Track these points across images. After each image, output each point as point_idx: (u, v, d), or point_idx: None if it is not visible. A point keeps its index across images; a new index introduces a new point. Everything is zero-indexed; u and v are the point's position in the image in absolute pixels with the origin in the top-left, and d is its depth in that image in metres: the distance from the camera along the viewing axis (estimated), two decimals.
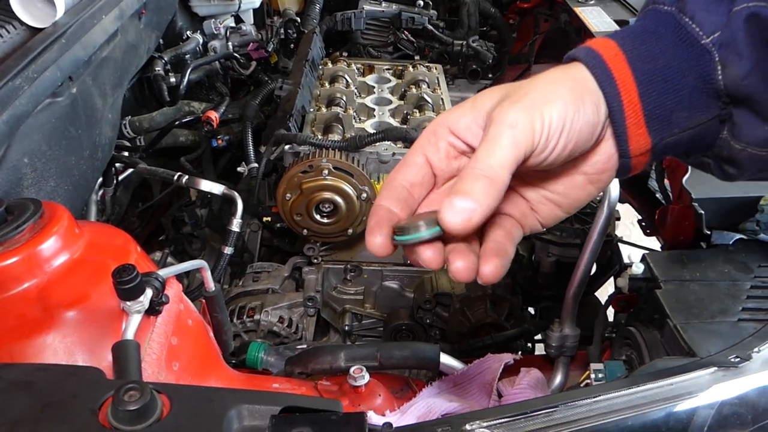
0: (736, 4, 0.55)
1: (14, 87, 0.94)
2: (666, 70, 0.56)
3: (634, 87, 0.56)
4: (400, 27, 2.07)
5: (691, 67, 0.56)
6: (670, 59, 0.56)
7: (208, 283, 1.00)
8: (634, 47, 0.57)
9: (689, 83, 0.56)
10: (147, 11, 1.49)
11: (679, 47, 0.57)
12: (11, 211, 0.79)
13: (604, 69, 0.56)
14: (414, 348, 1.07)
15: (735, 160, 0.60)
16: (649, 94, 0.56)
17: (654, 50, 0.57)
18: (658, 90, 0.56)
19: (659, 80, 0.56)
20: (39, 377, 0.64)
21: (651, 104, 0.56)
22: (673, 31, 0.57)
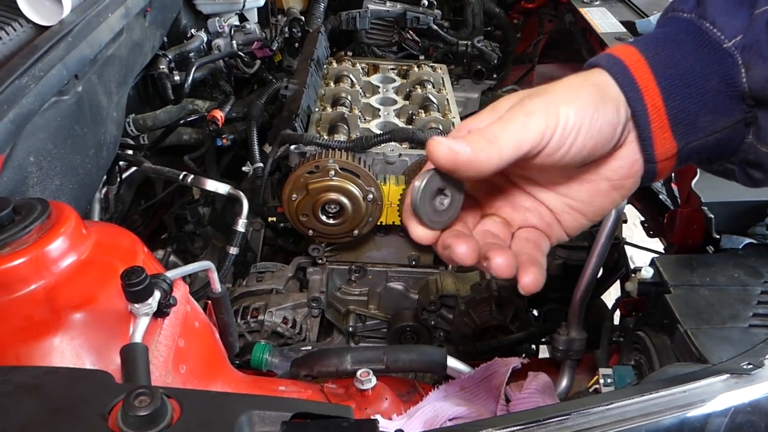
0: (758, 7, 0.55)
1: (21, 85, 0.94)
2: (688, 74, 0.56)
3: (657, 91, 0.56)
4: (404, 27, 2.06)
5: (714, 71, 0.56)
6: (692, 64, 0.56)
7: (214, 284, 0.99)
8: (656, 53, 0.57)
9: (713, 87, 0.56)
10: (152, 9, 1.48)
11: (701, 52, 0.57)
12: (18, 211, 0.78)
13: (627, 74, 0.56)
14: (421, 351, 1.06)
15: (761, 163, 0.59)
16: (672, 99, 0.56)
17: (676, 56, 0.57)
18: (682, 94, 0.56)
19: (682, 85, 0.56)
20: (47, 380, 0.63)
21: (675, 108, 0.56)
22: (694, 37, 0.57)
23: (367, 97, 1.65)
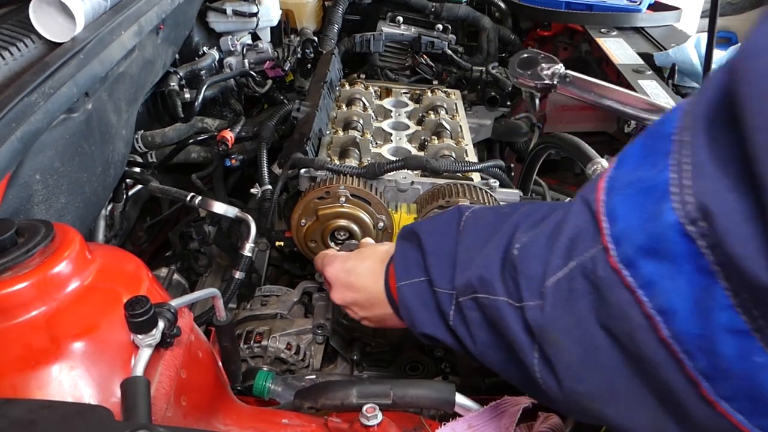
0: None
1: (30, 102, 0.92)
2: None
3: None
4: (418, 51, 2.05)
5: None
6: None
7: (220, 312, 0.96)
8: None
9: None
10: (165, 26, 1.47)
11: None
12: (22, 233, 0.76)
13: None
14: (429, 386, 1.03)
15: None
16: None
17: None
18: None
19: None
20: (43, 416, 0.60)
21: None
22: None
23: (379, 121, 1.63)
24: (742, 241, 0.45)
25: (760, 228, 0.44)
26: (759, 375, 0.48)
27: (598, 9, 2.09)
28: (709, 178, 0.48)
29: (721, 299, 0.48)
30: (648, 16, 2.09)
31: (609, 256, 0.55)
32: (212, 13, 1.86)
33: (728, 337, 0.48)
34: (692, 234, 0.49)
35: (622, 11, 2.08)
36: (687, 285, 0.50)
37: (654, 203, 0.52)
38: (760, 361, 0.47)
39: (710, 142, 0.48)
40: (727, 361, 0.49)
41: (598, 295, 0.57)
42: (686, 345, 0.51)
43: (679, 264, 0.50)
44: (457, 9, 2.17)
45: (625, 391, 0.59)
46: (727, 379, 0.50)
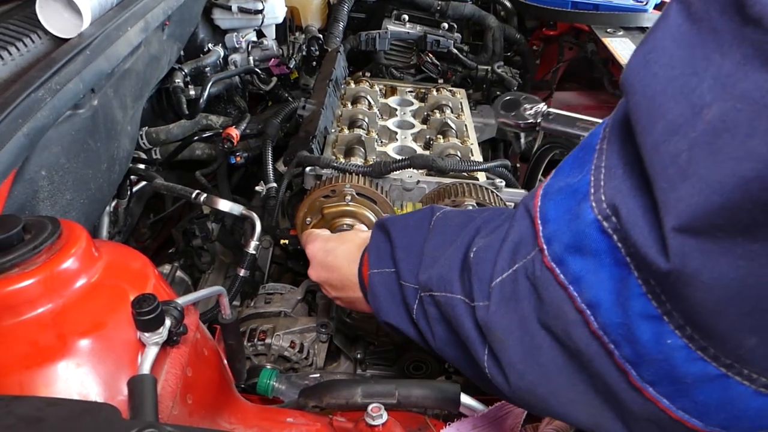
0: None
1: (37, 98, 0.91)
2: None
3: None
4: (424, 49, 2.04)
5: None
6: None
7: (225, 310, 0.96)
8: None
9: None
10: (170, 23, 1.46)
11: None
12: (28, 229, 0.75)
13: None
14: (434, 387, 1.03)
15: None
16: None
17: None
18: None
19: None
20: (50, 413, 0.60)
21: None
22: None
23: (385, 120, 1.63)
24: (642, 232, 0.50)
25: (656, 220, 0.49)
26: (673, 356, 0.51)
27: (604, 9, 2.08)
28: (618, 179, 0.53)
29: (634, 288, 0.52)
30: (655, 16, 2.08)
31: (544, 256, 0.60)
32: (217, 10, 1.86)
33: (644, 323, 0.52)
34: (607, 230, 0.54)
35: (628, 11, 2.08)
36: (608, 278, 0.54)
37: (576, 204, 0.57)
38: (671, 342, 0.51)
39: (620, 148, 0.54)
40: (645, 347, 0.53)
41: (537, 295, 0.61)
42: (612, 335, 0.55)
43: (601, 258, 0.55)
44: (462, 8, 2.16)
45: (565, 385, 0.62)
46: (648, 364, 0.53)
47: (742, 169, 0.42)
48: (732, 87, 0.43)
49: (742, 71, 0.43)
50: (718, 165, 0.43)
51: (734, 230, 0.44)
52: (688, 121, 0.46)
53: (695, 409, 0.53)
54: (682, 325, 0.50)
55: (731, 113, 0.43)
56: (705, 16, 0.47)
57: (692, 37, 0.48)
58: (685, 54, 0.48)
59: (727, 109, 0.43)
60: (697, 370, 0.51)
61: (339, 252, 1.04)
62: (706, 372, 0.50)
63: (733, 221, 0.43)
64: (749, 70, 0.42)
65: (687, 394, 0.52)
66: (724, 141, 0.43)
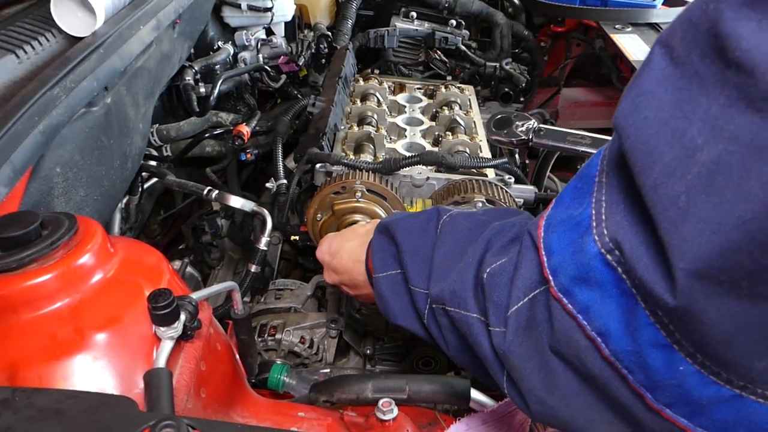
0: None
1: (52, 96, 0.93)
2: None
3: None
4: (432, 46, 2.05)
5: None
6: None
7: (238, 305, 0.97)
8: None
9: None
10: (181, 21, 1.47)
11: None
12: (46, 225, 0.77)
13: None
14: (444, 382, 1.04)
15: None
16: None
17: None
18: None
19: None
20: (70, 405, 0.61)
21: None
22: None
23: (393, 117, 1.63)
24: (647, 269, 0.51)
25: (660, 256, 0.50)
26: (686, 381, 0.52)
27: (612, 5, 2.08)
28: (619, 214, 0.55)
29: (643, 318, 0.53)
30: (663, 12, 2.08)
31: (550, 286, 0.61)
32: (227, 8, 1.87)
33: (655, 351, 0.53)
34: (611, 262, 0.55)
35: (636, 7, 2.08)
36: (616, 307, 0.55)
37: (580, 237, 0.59)
38: (684, 369, 0.52)
39: (619, 183, 0.56)
40: (657, 373, 0.54)
41: (550, 324, 0.63)
42: (625, 362, 0.56)
43: (607, 289, 0.56)
44: (470, 4, 2.17)
45: (584, 407, 0.63)
46: (663, 389, 0.54)
47: (740, 210, 0.43)
48: (721, 130, 0.44)
49: (728, 113, 0.44)
50: (716, 207, 0.44)
51: (738, 272, 0.45)
52: (682, 164, 0.47)
53: (713, 426, 0.53)
54: (692, 353, 0.51)
55: (724, 156, 0.44)
56: (687, 60, 0.48)
57: (677, 80, 0.49)
58: (672, 97, 0.49)
59: (719, 152, 0.44)
60: (711, 393, 0.51)
61: (343, 253, 1.06)
62: (720, 394, 0.51)
63: (736, 263, 0.44)
64: (735, 113, 0.44)
65: (704, 413, 0.53)
66: (719, 183, 0.44)
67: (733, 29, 0.44)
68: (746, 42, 0.42)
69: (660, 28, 1.99)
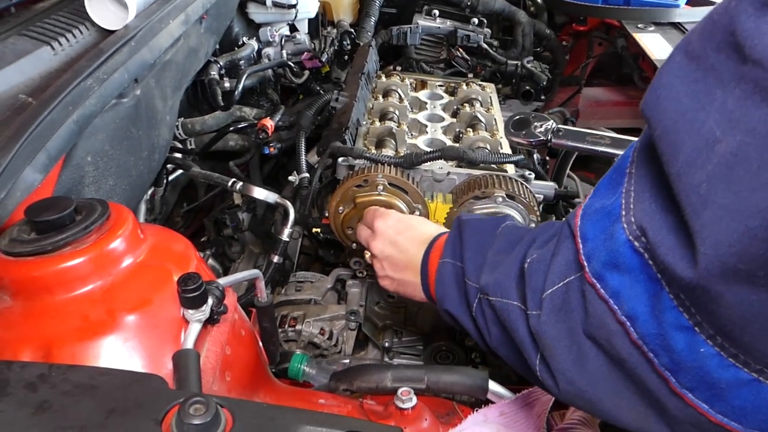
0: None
1: (86, 87, 0.95)
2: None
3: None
4: (454, 44, 2.06)
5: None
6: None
7: (261, 293, 0.99)
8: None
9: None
10: (208, 16, 1.50)
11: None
12: (80, 210, 0.79)
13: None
14: (462, 373, 1.05)
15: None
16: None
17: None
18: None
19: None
20: (103, 381, 0.64)
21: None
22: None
23: (415, 113, 1.65)
24: (669, 250, 0.54)
25: (682, 238, 0.53)
26: (707, 363, 0.54)
27: (635, 4, 2.08)
28: (645, 202, 0.58)
29: (666, 301, 0.56)
30: (686, 12, 2.07)
31: (585, 272, 0.65)
32: (252, 5, 1.90)
33: (678, 333, 0.56)
34: (639, 249, 0.58)
35: (659, 6, 2.07)
36: (644, 292, 0.58)
37: (611, 225, 0.62)
38: (704, 351, 0.54)
39: (646, 173, 0.59)
40: (680, 355, 0.56)
41: (584, 308, 0.65)
42: (651, 345, 0.58)
43: (635, 274, 0.59)
44: (492, 3, 2.17)
45: (612, 391, 0.66)
46: (685, 372, 0.57)
47: (757, 198, 0.46)
48: (738, 122, 0.47)
49: (744, 106, 0.46)
50: (735, 195, 0.47)
51: (754, 261, 0.47)
52: (702, 155, 0.50)
53: (733, 412, 0.55)
54: (712, 335, 0.53)
55: (742, 147, 0.47)
56: (702, 54, 0.51)
57: (692, 72, 0.52)
58: (689, 90, 0.52)
59: (738, 143, 0.47)
60: (730, 376, 0.53)
61: (411, 234, 1.07)
62: (738, 377, 0.53)
63: (752, 250, 0.47)
64: (750, 105, 0.46)
65: (723, 398, 0.55)
66: (738, 173, 0.47)
67: (754, 27, 0.46)
68: (766, 38, 0.44)
69: (683, 28, 1.99)
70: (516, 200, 1.24)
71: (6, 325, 0.72)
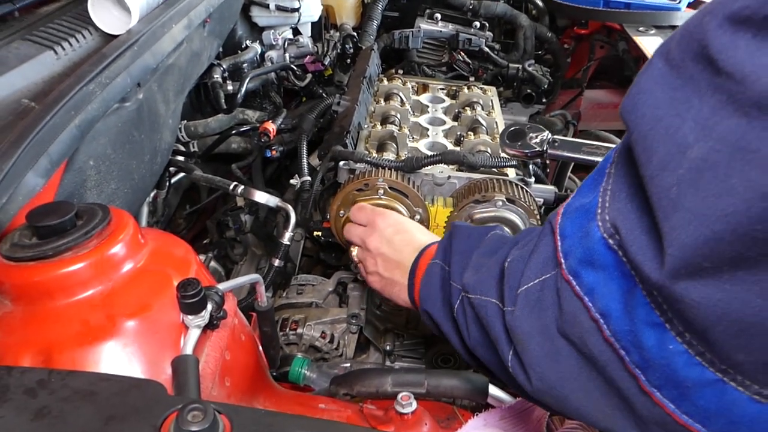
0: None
1: (88, 92, 0.96)
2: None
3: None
4: (456, 47, 2.06)
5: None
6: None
7: (261, 297, 1.00)
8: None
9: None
10: (211, 20, 1.51)
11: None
12: (81, 215, 0.80)
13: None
14: (463, 378, 1.05)
15: None
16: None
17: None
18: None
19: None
20: (102, 387, 0.64)
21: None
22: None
23: (416, 116, 1.65)
24: (640, 249, 0.55)
25: (653, 239, 0.54)
26: (674, 360, 0.55)
27: (636, 7, 2.08)
28: (621, 202, 0.59)
29: (640, 298, 0.57)
30: (687, 15, 2.07)
31: (562, 269, 0.66)
32: (255, 8, 1.90)
33: (648, 329, 0.57)
34: (612, 246, 0.59)
35: (661, 9, 2.07)
36: (617, 289, 0.59)
37: (587, 222, 0.63)
38: (673, 348, 0.55)
39: (624, 174, 0.60)
40: (650, 352, 0.57)
41: (558, 306, 0.67)
42: (622, 341, 0.59)
43: (609, 271, 0.60)
44: (494, 6, 2.18)
45: (582, 389, 0.67)
46: (654, 369, 0.57)
47: (723, 204, 0.47)
48: (710, 130, 0.48)
49: (718, 116, 0.48)
50: (703, 200, 0.48)
51: (720, 261, 0.48)
52: (674, 159, 0.51)
53: (697, 413, 0.56)
54: (681, 332, 0.54)
55: (711, 154, 0.48)
56: (681, 63, 0.52)
57: (672, 80, 0.53)
58: (667, 96, 0.53)
59: (708, 150, 0.48)
60: (696, 375, 0.54)
61: (408, 236, 1.10)
62: (704, 376, 0.54)
63: (718, 252, 0.48)
64: (724, 115, 0.47)
65: (689, 398, 0.56)
66: (706, 179, 0.48)
67: (726, 42, 0.47)
68: (739, 53, 0.46)
69: None
70: (516, 204, 1.24)
71: (6, 330, 0.72)
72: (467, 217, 1.25)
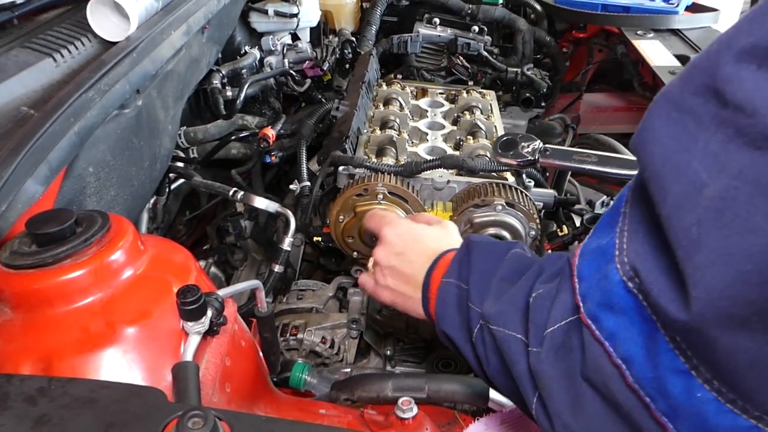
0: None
1: (87, 99, 0.96)
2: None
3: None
4: (454, 52, 2.06)
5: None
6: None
7: (261, 303, 1.00)
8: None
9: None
10: (210, 26, 1.51)
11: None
12: (80, 222, 0.80)
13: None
14: (463, 382, 1.05)
15: None
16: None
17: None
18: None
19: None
20: (103, 395, 0.64)
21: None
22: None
23: (415, 121, 1.66)
24: (662, 291, 0.53)
25: (674, 280, 0.52)
26: (704, 409, 0.53)
27: (634, 11, 2.08)
28: (638, 242, 0.57)
29: (662, 344, 0.55)
30: (685, 18, 2.07)
31: (580, 312, 0.64)
32: (254, 14, 1.91)
33: (674, 377, 0.54)
34: (632, 290, 0.57)
35: (659, 13, 2.07)
36: (639, 334, 0.57)
37: (605, 264, 0.61)
38: (701, 396, 0.53)
39: (639, 213, 0.58)
40: (677, 400, 0.55)
41: (582, 350, 0.64)
42: (647, 389, 0.57)
43: (630, 316, 0.58)
44: (493, 11, 2.18)
45: None
46: (683, 418, 0.55)
47: (748, 242, 0.45)
48: (723, 166, 0.47)
49: (727, 150, 0.47)
50: (726, 239, 0.47)
51: (748, 303, 0.46)
52: (690, 198, 0.50)
53: None
54: (709, 379, 0.52)
55: (729, 191, 0.47)
56: (679, 98, 0.51)
57: (671, 114, 0.52)
58: (670, 131, 0.52)
59: (725, 187, 0.47)
60: (728, 423, 0.52)
61: (418, 247, 1.02)
62: (737, 424, 0.52)
63: (745, 295, 0.46)
64: (734, 150, 0.46)
65: None
66: (727, 217, 0.47)
67: (734, 74, 0.46)
68: (747, 85, 0.45)
69: (682, 35, 1.99)
70: (516, 208, 1.24)
71: (6, 338, 0.72)
72: (467, 222, 1.25)
